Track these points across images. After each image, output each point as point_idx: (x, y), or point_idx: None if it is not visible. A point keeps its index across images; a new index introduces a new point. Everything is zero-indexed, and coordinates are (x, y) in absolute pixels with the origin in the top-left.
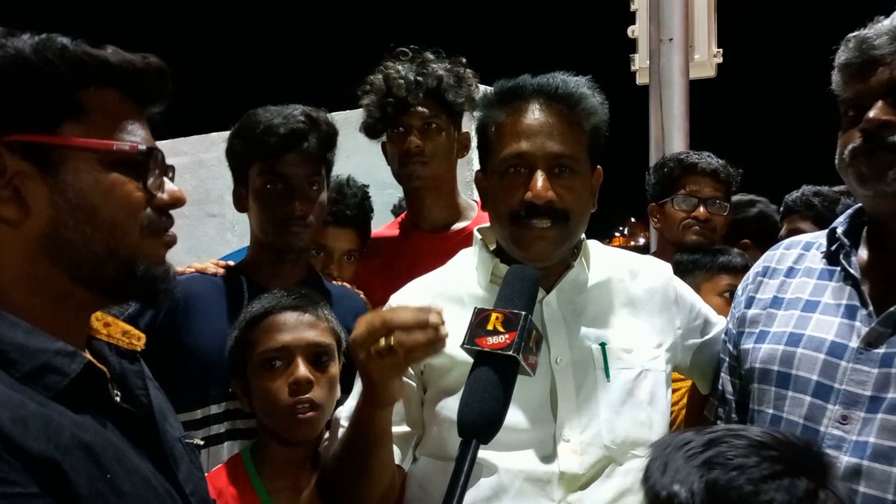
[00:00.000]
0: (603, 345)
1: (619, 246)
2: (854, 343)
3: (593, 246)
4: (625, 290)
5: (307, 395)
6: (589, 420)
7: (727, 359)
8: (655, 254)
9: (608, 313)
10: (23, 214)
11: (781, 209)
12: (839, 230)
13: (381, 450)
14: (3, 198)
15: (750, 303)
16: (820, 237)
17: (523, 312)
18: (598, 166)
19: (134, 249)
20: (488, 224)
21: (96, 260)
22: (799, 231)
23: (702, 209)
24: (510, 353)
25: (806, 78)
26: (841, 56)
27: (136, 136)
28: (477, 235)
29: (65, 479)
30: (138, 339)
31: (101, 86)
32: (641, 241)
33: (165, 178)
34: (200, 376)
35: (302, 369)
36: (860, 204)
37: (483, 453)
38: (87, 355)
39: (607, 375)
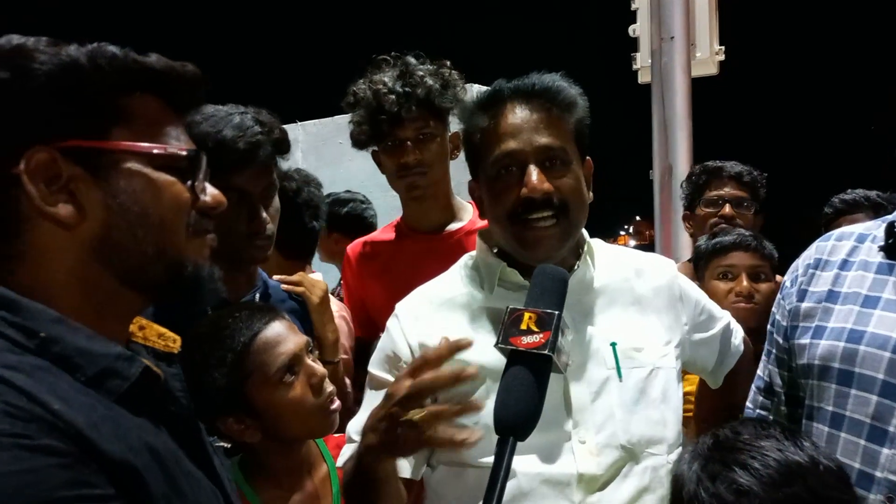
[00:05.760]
0: (613, 344)
1: (622, 244)
2: None
3: (597, 245)
4: (631, 288)
5: (330, 388)
6: (604, 421)
7: (774, 350)
8: (690, 260)
9: (616, 312)
10: (79, 218)
11: (829, 210)
12: None
13: (388, 489)
14: (60, 202)
15: (803, 296)
16: (873, 229)
17: (556, 312)
18: (588, 157)
19: (182, 250)
20: (489, 227)
21: (146, 261)
22: None
23: (728, 208)
24: (545, 352)
25: (809, 75)
26: None
27: (179, 140)
28: (480, 240)
29: (140, 480)
30: (174, 342)
31: (145, 92)
32: (633, 242)
33: (207, 183)
34: None
35: (318, 367)
36: None
37: None
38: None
39: (619, 375)
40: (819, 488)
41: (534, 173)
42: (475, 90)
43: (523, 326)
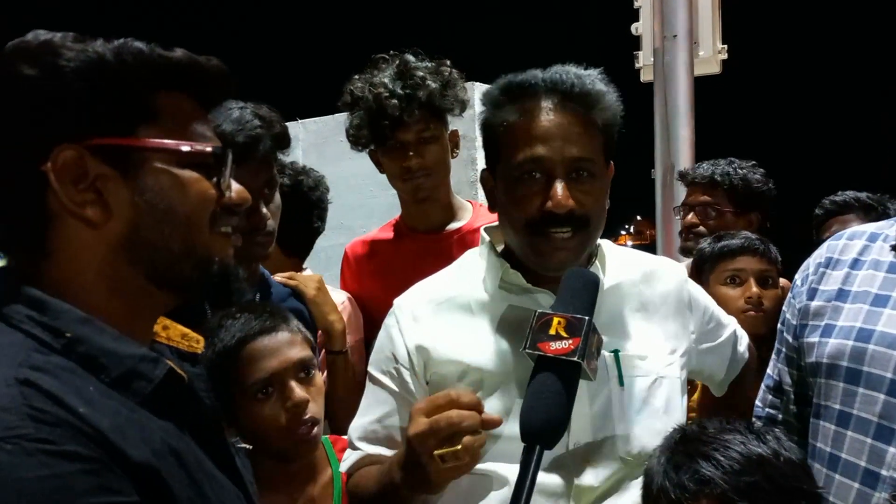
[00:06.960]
0: (616, 352)
1: (622, 244)
2: None
3: (606, 248)
4: (638, 294)
5: (308, 416)
6: (603, 431)
7: (784, 349)
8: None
9: (621, 319)
10: (105, 217)
11: (820, 212)
12: None
13: None
14: (87, 201)
15: (813, 294)
16: (885, 228)
17: (586, 317)
18: (611, 161)
19: (207, 247)
20: (495, 224)
21: (173, 258)
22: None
23: (690, 216)
24: (575, 359)
25: (812, 74)
26: None
27: (204, 136)
28: (485, 237)
29: (164, 485)
30: (197, 342)
31: (171, 88)
32: (630, 242)
33: (232, 180)
34: None
35: (297, 392)
36: None
37: (493, 465)
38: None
39: (621, 383)
40: (780, 478)
41: (559, 187)
42: (476, 88)
43: (552, 331)
